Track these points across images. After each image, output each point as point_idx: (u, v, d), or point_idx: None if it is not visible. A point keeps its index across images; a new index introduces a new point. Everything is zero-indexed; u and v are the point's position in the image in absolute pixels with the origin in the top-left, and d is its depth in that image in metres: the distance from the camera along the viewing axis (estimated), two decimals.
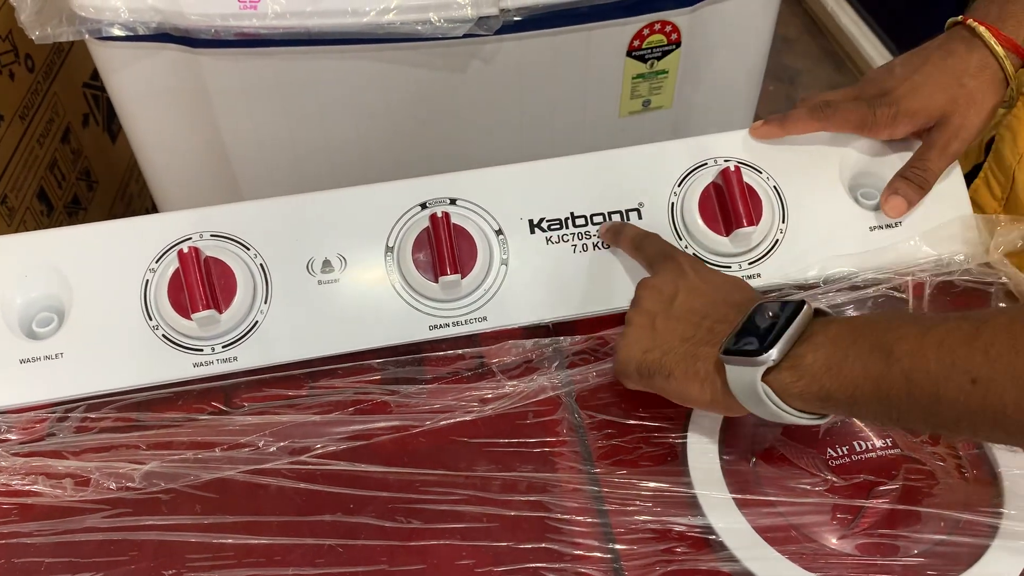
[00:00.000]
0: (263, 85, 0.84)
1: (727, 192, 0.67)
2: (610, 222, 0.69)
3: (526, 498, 0.57)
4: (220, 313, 0.63)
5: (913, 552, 0.54)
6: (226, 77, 0.83)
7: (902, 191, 0.68)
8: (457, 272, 0.64)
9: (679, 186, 0.69)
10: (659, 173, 0.70)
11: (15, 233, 0.95)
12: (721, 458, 0.58)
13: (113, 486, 0.59)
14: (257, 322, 0.65)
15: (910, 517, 0.56)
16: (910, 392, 0.46)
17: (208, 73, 0.83)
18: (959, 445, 0.59)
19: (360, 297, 0.66)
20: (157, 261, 0.65)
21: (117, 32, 0.77)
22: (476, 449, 0.60)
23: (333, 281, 0.66)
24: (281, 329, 0.65)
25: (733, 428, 0.59)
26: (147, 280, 0.65)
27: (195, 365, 0.64)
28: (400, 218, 0.67)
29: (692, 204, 0.68)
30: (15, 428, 0.62)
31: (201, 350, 0.64)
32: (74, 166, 1.17)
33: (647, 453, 0.59)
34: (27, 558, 0.56)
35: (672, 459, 0.59)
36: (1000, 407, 0.43)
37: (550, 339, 0.66)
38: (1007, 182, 0.73)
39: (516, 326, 0.67)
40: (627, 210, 0.69)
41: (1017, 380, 0.42)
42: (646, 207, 0.69)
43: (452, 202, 0.68)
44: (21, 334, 0.64)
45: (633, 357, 0.57)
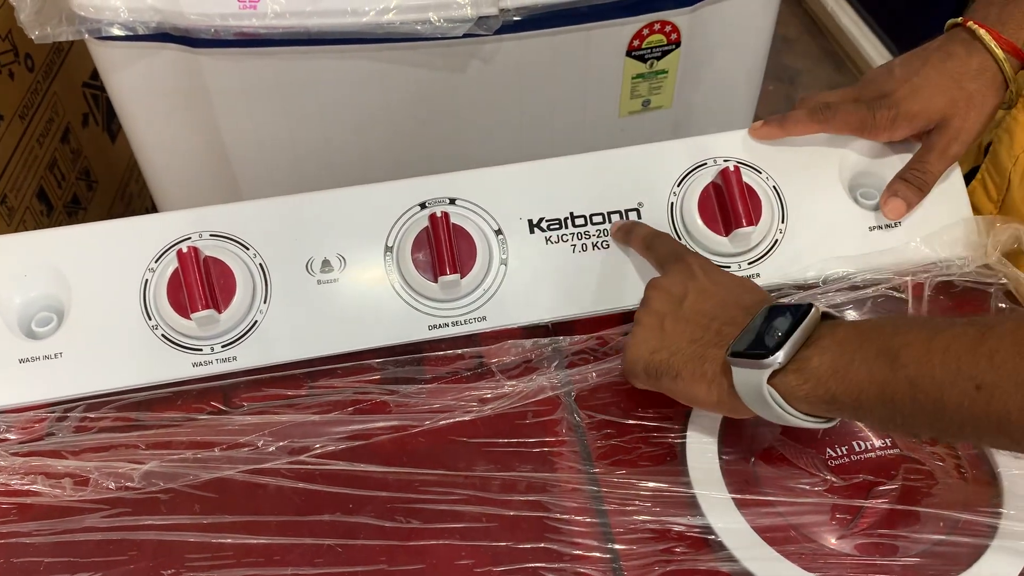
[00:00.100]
0: (263, 85, 0.84)
1: (726, 192, 0.67)
2: (622, 220, 0.68)
3: (525, 498, 0.57)
4: (219, 313, 0.63)
5: (912, 552, 0.54)
6: (226, 77, 0.83)
7: (901, 193, 0.68)
8: (456, 272, 0.64)
9: (678, 186, 0.69)
10: (658, 173, 0.70)
11: (14, 233, 0.95)
12: (720, 458, 0.58)
13: (112, 486, 0.59)
14: (256, 322, 0.65)
15: (909, 517, 0.56)
16: (915, 397, 0.46)
17: (208, 73, 0.82)
18: (958, 445, 0.59)
19: (359, 297, 0.66)
20: (156, 261, 0.65)
21: (117, 32, 0.77)
22: (475, 449, 0.60)
23: (332, 281, 0.66)
24: (280, 329, 0.65)
25: (732, 428, 0.59)
26: (146, 280, 0.65)
27: (194, 365, 0.64)
28: (399, 218, 0.67)
29: (691, 204, 0.68)
30: (14, 428, 0.62)
31: (200, 350, 0.64)
32: (74, 166, 1.17)
33: (646, 453, 0.59)
34: (26, 558, 0.56)
35: (671, 459, 0.59)
36: (1004, 413, 0.43)
37: (549, 339, 0.66)
38: (1003, 184, 0.73)
39: (515, 326, 0.67)
40: (626, 210, 0.69)
41: (1021, 386, 0.42)
42: (645, 207, 0.69)
43: (451, 202, 0.68)
44: (20, 334, 0.64)
45: (641, 357, 0.57)
